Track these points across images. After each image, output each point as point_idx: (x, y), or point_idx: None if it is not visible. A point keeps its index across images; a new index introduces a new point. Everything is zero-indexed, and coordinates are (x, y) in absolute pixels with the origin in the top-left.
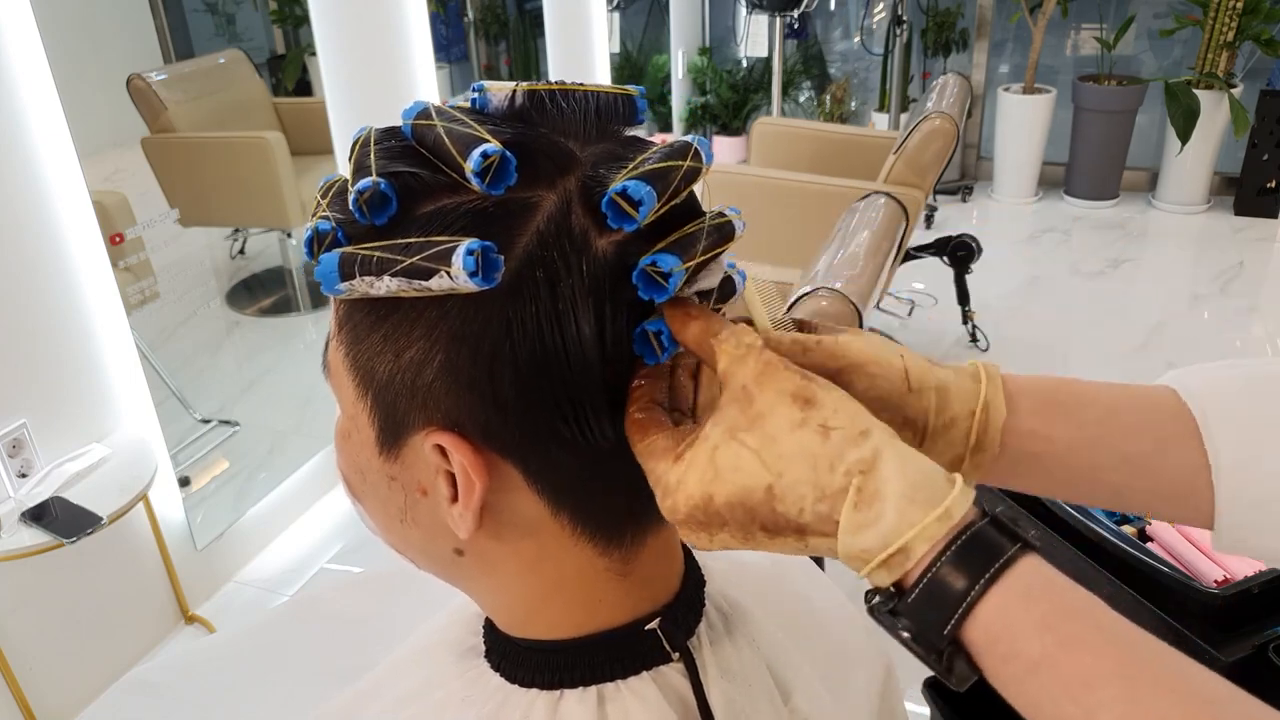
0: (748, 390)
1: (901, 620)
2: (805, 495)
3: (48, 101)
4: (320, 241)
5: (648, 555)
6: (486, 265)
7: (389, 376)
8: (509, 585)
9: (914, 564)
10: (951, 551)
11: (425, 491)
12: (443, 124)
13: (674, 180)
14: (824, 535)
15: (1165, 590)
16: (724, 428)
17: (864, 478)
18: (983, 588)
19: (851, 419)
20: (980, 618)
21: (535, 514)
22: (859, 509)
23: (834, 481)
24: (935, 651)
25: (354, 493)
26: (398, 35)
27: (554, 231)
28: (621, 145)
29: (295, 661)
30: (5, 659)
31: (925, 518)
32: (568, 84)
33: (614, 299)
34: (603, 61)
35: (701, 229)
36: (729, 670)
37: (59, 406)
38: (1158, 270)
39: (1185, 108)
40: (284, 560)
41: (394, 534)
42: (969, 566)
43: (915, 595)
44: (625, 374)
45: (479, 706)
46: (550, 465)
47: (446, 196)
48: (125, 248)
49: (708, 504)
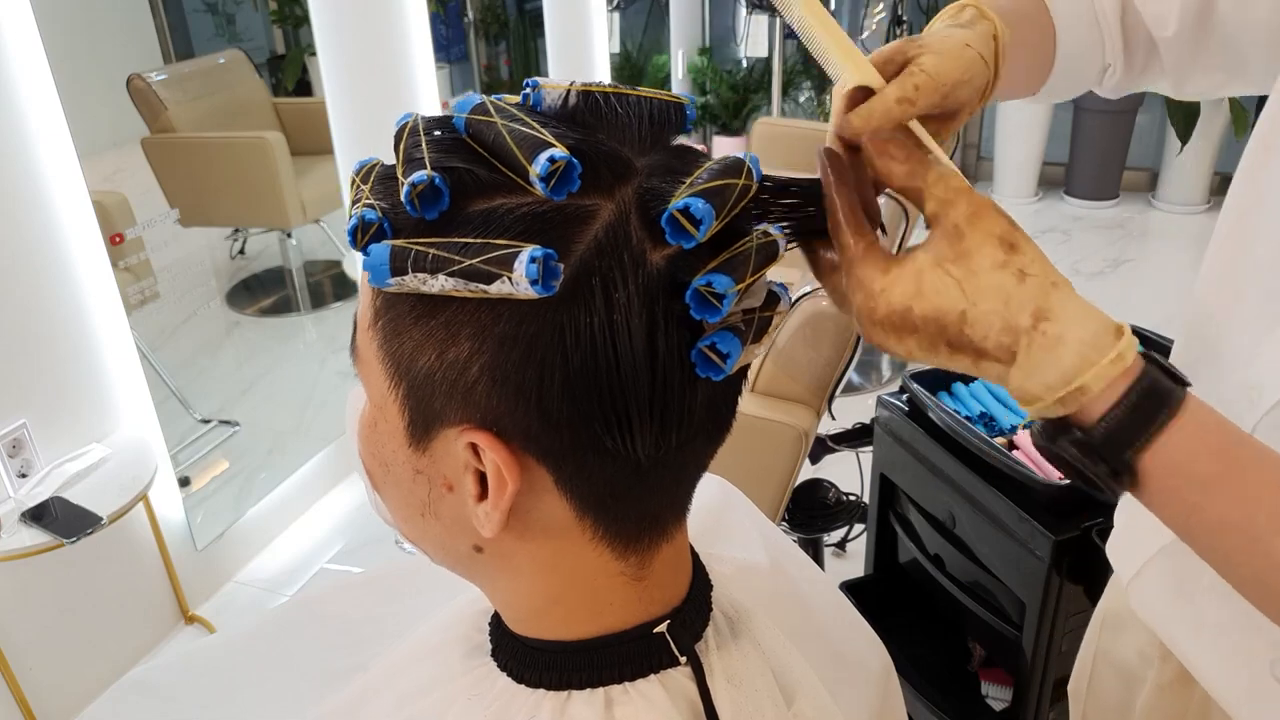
0: (959, 229)
1: (1070, 444)
2: (993, 325)
3: (48, 101)
4: (365, 230)
5: (660, 561)
6: (548, 273)
7: (428, 372)
8: (524, 583)
9: (1089, 398)
10: (1136, 394)
11: (451, 487)
12: (503, 122)
13: (730, 199)
14: (998, 362)
15: (1020, 486)
16: (933, 256)
17: (1049, 324)
18: (1165, 420)
19: (1045, 270)
20: (1162, 443)
21: (560, 517)
22: (1043, 350)
23: (1021, 320)
24: (1114, 472)
25: (374, 483)
26: (398, 35)
27: (611, 241)
28: (675, 156)
29: (295, 662)
30: (5, 659)
31: (1101, 359)
32: (623, 88)
33: (665, 312)
34: (603, 61)
35: (750, 248)
36: (734, 674)
37: (59, 406)
38: (1158, 270)
39: (1185, 108)
40: (284, 560)
41: (413, 526)
42: (1150, 407)
43: (1104, 425)
44: (673, 388)
45: (485, 705)
46: (584, 473)
47: (502, 196)
48: (125, 248)
49: (906, 313)
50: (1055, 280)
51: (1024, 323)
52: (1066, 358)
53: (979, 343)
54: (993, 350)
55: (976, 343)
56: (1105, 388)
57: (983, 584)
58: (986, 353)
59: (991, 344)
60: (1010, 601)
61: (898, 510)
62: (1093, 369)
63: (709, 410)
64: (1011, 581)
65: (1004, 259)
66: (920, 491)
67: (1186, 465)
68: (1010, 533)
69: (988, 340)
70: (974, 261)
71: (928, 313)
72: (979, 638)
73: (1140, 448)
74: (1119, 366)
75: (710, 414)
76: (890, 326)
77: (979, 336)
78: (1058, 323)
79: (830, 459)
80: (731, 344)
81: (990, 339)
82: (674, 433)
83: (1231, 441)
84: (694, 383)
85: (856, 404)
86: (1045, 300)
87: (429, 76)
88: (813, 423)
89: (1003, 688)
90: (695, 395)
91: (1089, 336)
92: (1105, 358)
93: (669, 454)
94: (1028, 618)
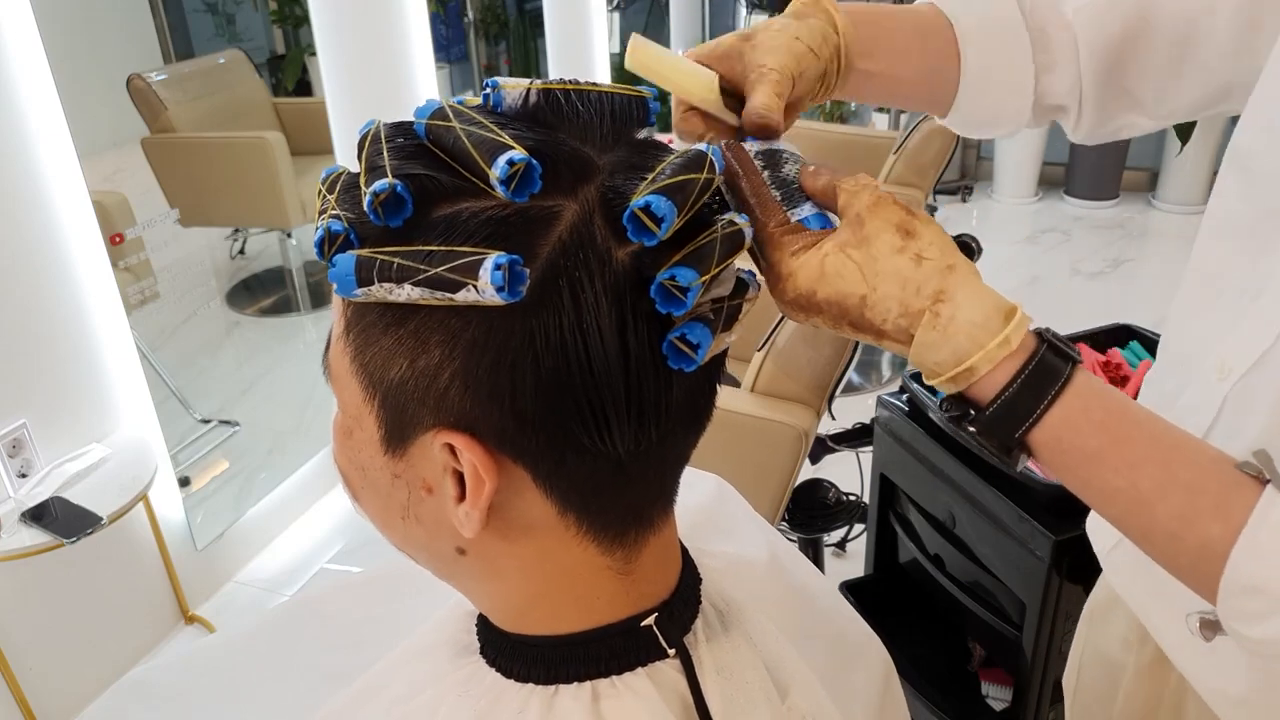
0: (860, 216)
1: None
2: (891, 309)
3: (48, 101)
4: (332, 242)
5: (648, 555)
6: (513, 279)
7: (401, 381)
8: (509, 582)
9: (978, 378)
10: (1023, 378)
11: (431, 489)
12: (461, 126)
13: (692, 193)
14: (897, 342)
15: (1020, 486)
16: (836, 242)
17: (943, 305)
18: (1049, 403)
19: (942, 253)
20: (1048, 423)
21: (542, 514)
22: (935, 329)
23: (917, 303)
24: (1005, 449)
25: (352, 489)
26: (398, 35)
27: (576, 242)
28: (637, 152)
29: (295, 662)
30: (5, 659)
31: (989, 342)
32: (581, 83)
33: (634, 309)
34: (603, 61)
35: (715, 239)
36: (725, 667)
37: (59, 406)
38: (1158, 270)
39: None
40: (284, 560)
41: (395, 531)
42: (1038, 388)
43: (995, 408)
44: (648, 384)
45: (474, 701)
46: (563, 470)
47: (465, 200)
48: (125, 248)
49: (810, 296)
50: (952, 263)
51: (920, 305)
52: (957, 338)
53: (879, 325)
54: (892, 333)
55: (877, 325)
56: (994, 369)
57: (983, 584)
58: (886, 334)
59: (890, 326)
60: (1010, 601)
61: (898, 510)
62: (981, 351)
63: (687, 402)
64: (1011, 581)
65: (901, 244)
66: (920, 491)
67: (1072, 441)
68: (1010, 533)
69: (886, 323)
70: (874, 247)
71: (831, 296)
72: (979, 638)
73: (1029, 427)
74: (1005, 349)
75: (688, 405)
76: (798, 306)
77: (879, 320)
78: (951, 304)
79: (830, 459)
80: (701, 334)
81: (889, 321)
82: (652, 427)
83: (1114, 416)
84: (669, 376)
85: (856, 404)
86: (941, 282)
87: (429, 76)
88: (813, 423)
89: (1003, 688)
90: (671, 388)
91: (980, 319)
92: (993, 340)
93: (649, 448)
94: (1028, 618)
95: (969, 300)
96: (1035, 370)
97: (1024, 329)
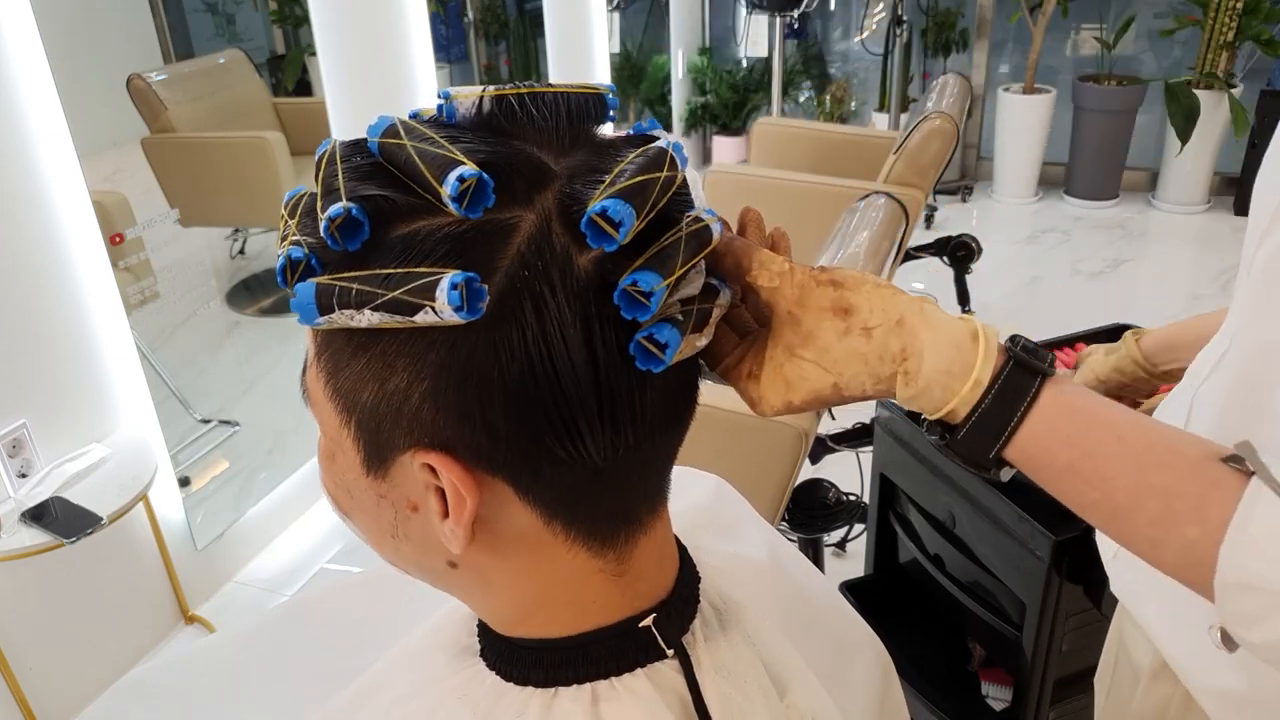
0: (793, 314)
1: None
2: (864, 383)
3: (48, 101)
4: (294, 269)
5: (641, 555)
6: (471, 296)
7: (373, 404)
8: (503, 592)
9: (960, 419)
10: (990, 399)
11: (416, 508)
12: (412, 143)
13: (652, 194)
14: (885, 396)
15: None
16: (782, 347)
17: (907, 363)
18: (1016, 423)
19: (885, 312)
20: (1017, 442)
21: (528, 524)
22: (909, 386)
23: (884, 369)
24: (983, 467)
25: (342, 510)
26: (398, 35)
27: (535, 252)
28: (596, 153)
29: (295, 662)
30: (5, 659)
31: (962, 388)
32: (537, 86)
33: (600, 315)
34: (603, 61)
35: (679, 239)
36: (723, 666)
37: (59, 406)
38: (1158, 270)
39: (1185, 108)
40: (284, 560)
41: (386, 548)
42: (1005, 408)
43: (965, 432)
44: (619, 390)
45: (474, 703)
46: (543, 481)
47: (421, 219)
48: (125, 248)
49: (789, 405)
50: (899, 317)
51: (889, 370)
52: (932, 390)
53: (861, 396)
54: (875, 396)
55: (859, 397)
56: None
57: (983, 584)
58: (872, 397)
59: (871, 393)
60: (1010, 601)
61: (898, 510)
62: (956, 397)
63: (663, 404)
64: (1011, 581)
65: (844, 325)
66: (920, 491)
67: (1043, 457)
68: (1010, 533)
69: (866, 392)
70: (820, 340)
71: (806, 398)
72: (979, 638)
73: (1000, 447)
74: (978, 391)
75: (665, 408)
76: (783, 414)
77: (858, 394)
78: (915, 358)
79: (830, 459)
80: (670, 334)
81: (868, 391)
82: (628, 432)
83: (1081, 430)
84: (641, 379)
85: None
86: (898, 342)
87: (429, 76)
88: (813, 422)
89: (1003, 688)
90: (645, 391)
91: (944, 364)
92: (966, 385)
93: (626, 453)
94: (1028, 618)
95: (931, 346)
96: (1000, 391)
97: (992, 360)
